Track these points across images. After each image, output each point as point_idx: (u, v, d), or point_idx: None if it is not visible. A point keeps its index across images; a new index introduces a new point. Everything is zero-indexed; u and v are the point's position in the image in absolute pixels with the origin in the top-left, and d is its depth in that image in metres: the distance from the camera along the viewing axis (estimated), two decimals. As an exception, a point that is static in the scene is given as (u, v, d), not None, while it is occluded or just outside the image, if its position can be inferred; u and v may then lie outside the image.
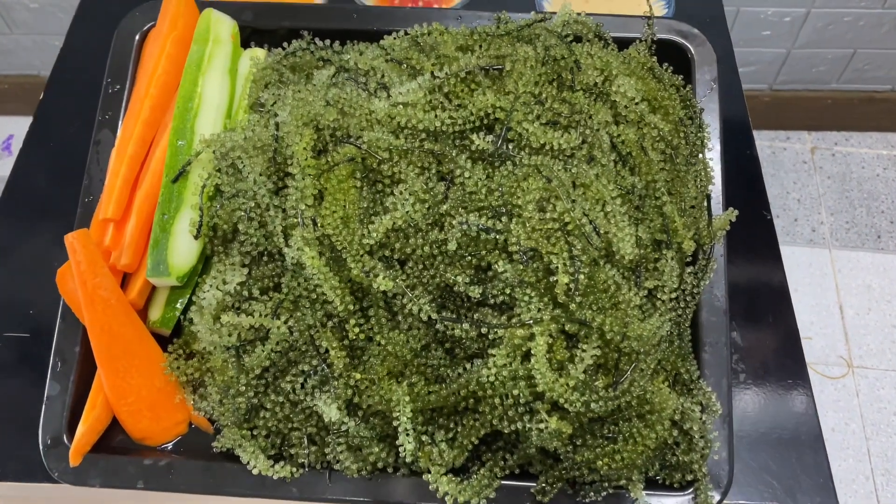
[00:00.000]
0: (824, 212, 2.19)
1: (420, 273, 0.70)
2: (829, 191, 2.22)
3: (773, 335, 0.88)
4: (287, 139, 0.73)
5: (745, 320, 0.87)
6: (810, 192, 2.22)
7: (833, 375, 1.94)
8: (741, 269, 0.88)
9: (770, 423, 0.83)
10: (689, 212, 0.77)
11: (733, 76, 1.01)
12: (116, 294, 0.74)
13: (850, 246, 2.11)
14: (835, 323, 2.00)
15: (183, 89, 0.80)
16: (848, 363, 1.95)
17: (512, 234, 0.67)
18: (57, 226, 0.88)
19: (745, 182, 0.96)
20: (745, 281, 0.89)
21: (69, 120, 1.00)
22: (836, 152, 2.30)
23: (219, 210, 0.74)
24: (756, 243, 0.91)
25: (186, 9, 0.86)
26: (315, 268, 0.68)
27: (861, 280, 2.05)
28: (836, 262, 2.10)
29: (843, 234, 2.14)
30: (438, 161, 0.73)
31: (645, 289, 0.74)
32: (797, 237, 2.14)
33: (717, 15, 1.11)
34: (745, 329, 0.87)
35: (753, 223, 0.93)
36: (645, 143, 0.76)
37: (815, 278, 2.06)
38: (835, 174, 2.24)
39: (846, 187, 2.22)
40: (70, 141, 0.99)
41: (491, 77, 0.76)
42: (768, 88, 2.19)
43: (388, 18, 0.86)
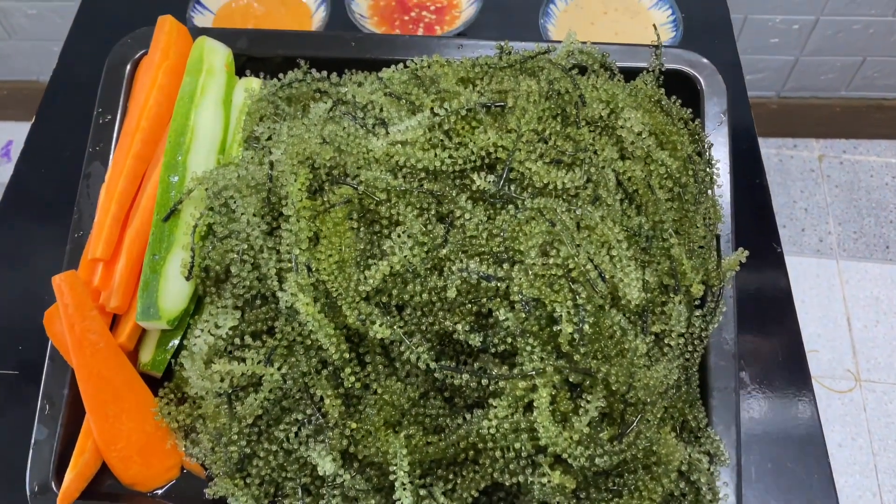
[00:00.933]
0: (832, 221, 2.16)
1: (418, 320, 0.67)
2: (836, 200, 2.19)
3: (776, 347, 0.86)
4: (282, 179, 0.70)
5: (748, 331, 0.85)
6: (818, 202, 2.19)
7: (840, 389, 1.91)
8: (745, 278, 0.86)
9: (774, 436, 0.81)
10: (698, 252, 0.74)
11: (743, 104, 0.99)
12: (105, 337, 0.72)
13: (857, 256, 2.08)
14: (842, 335, 1.97)
15: (175, 123, 0.78)
16: (855, 377, 1.92)
17: (514, 283, 0.64)
18: (56, 233, 0.86)
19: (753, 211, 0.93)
20: (749, 290, 0.87)
21: (69, 125, 0.99)
22: (844, 160, 2.26)
23: (211, 251, 0.71)
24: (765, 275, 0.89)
25: (179, 37, 0.83)
26: (309, 315, 0.66)
27: (869, 291, 2.02)
28: (843, 273, 2.07)
29: (850, 244, 2.11)
30: (438, 201, 0.70)
31: (652, 334, 0.71)
32: (804, 247, 2.11)
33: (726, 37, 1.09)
34: (747, 340, 0.84)
35: (764, 255, 0.90)
36: (652, 180, 0.74)
37: (822, 289, 2.04)
38: (843, 183, 2.21)
39: (854, 196, 2.19)
40: (70, 146, 0.97)
41: (493, 114, 0.73)
42: (776, 95, 2.16)
43: (388, 47, 0.84)
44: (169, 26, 0.83)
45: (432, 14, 1.03)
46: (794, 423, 0.82)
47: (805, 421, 0.82)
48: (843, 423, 1.87)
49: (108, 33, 1.11)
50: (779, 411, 0.82)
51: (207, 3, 1.03)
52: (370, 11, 1.04)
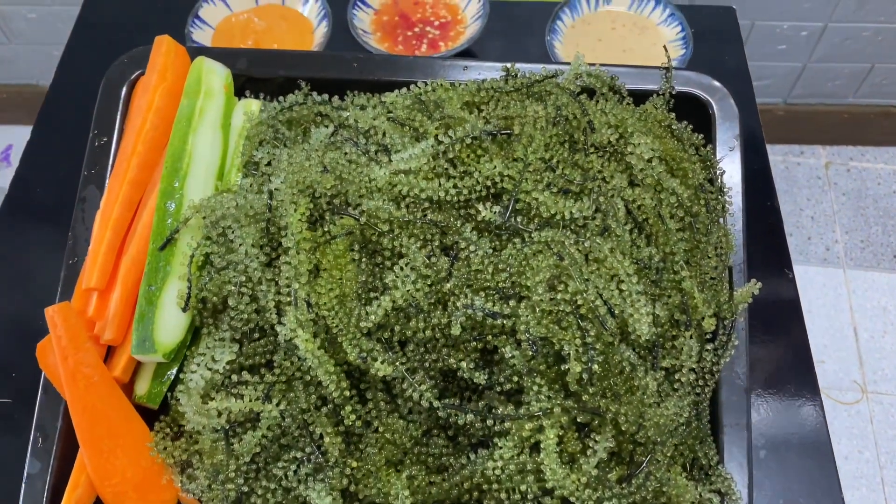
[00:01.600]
0: (839, 230, 2.13)
1: (421, 356, 0.65)
2: (843, 208, 2.17)
3: (784, 361, 0.84)
4: (281, 208, 0.68)
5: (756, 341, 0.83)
6: (824, 209, 2.17)
7: (846, 401, 1.89)
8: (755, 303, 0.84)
9: (781, 447, 0.80)
10: (709, 284, 0.72)
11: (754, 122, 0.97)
12: (100, 370, 0.70)
13: (865, 266, 2.06)
14: (849, 346, 1.95)
15: (172, 147, 0.76)
16: (862, 388, 1.90)
17: (521, 320, 0.62)
18: (54, 245, 0.85)
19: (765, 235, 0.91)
20: (760, 317, 0.86)
21: (70, 130, 0.98)
22: (851, 167, 2.24)
23: (208, 283, 0.69)
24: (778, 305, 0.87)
25: (177, 58, 0.81)
26: (309, 352, 0.64)
27: (876, 301, 2.00)
28: (850, 283, 2.05)
29: (857, 253, 2.09)
30: (442, 232, 0.68)
31: (662, 369, 0.69)
32: (810, 256, 2.08)
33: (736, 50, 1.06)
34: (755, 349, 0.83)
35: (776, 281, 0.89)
36: (662, 209, 0.72)
37: (828, 299, 2.01)
38: (850, 190, 2.19)
39: (861, 204, 2.17)
40: (71, 151, 0.95)
41: (499, 142, 0.71)
42: (782, 102, 2.14)
43: (391, 68, 0.81)
44: (166, 47, 0.80)
45: (436, 30, 1.01)
46: (802, 433, 0.81)
47: (813, 432, 0.80)
48: (850, 435, 1.85)
49: (110, 37, 1.10)
50: (787, 421, 0.81)
51: (207, 17, 1.01)
52: (373, 27, 1.01)
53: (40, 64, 2.10)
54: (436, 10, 1.02)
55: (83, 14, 1.14)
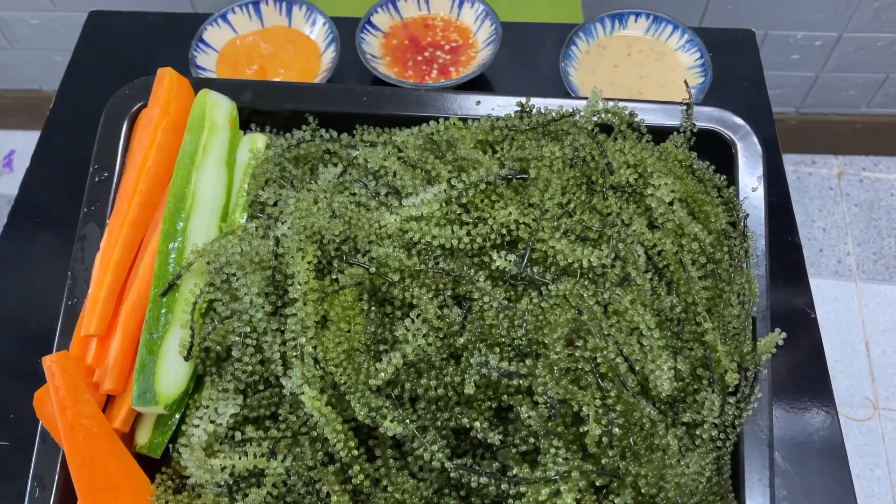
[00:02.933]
0: (851, 242, 2.10)
1: (433, 414, 0.63)
2: (856, 219, 2.13)
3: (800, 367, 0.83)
4: (288, 256, 0.66)
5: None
6: (836, 221, 2.13)
7: (858, 418, 1.86)
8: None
9: (798, 459, 0.79)
10: (732, 334, 0.69)
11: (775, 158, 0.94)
12: (99, 421, 0.67)
13: (877, 279, 2.03)
14: (860, 361, 1.92)
15: (174, 186, 0.73)
16: (874, 405, 1.87)
17: (538, 381, 0.60)
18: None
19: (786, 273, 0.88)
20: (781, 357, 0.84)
21: (77, 136, 0.97)
22: (863, 178, 2.21)
23: (211, 332, 0.67)
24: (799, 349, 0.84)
25: (180, 91, 0.78)
26: (315, 409, 0.61)
27: (889, 316, 1.97)
28: (862, 297, 2.02)
29: (870, 265, 2.05)
30: (455, 281, 0.66)
31: (682, 424, 0.66)
32: (822, 269, 2.05)
33: (756, 79, 1.03)
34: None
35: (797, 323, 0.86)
36: (684, 256, 0.69)
37: (840, 313, 1.98)
38: (862, 201, 2.16)
39: (874, 216, 2.13)
40: (77, 157, 0.93)
41: (514, 186, 0.68)
42: (794, 112, 2.11)
43: (401, 102, 0.79)
44: (169, 79, 0.78)
45: (447, 54, 0.98)
46: (818, 446, 0.80)
47: (829, 446, 0.80)
48: (861, 453, 1.82)
49: (117, 43, 1.08)
50: (801, 432, 0.80)
51: (211, 41, 0.98)
52: (382, 51, 0.98)
53: (43, 69, 2.09)
54: (446, 34, 0.99)
55: (91, 19, 1.12)
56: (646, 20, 0.99)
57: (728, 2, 1.71)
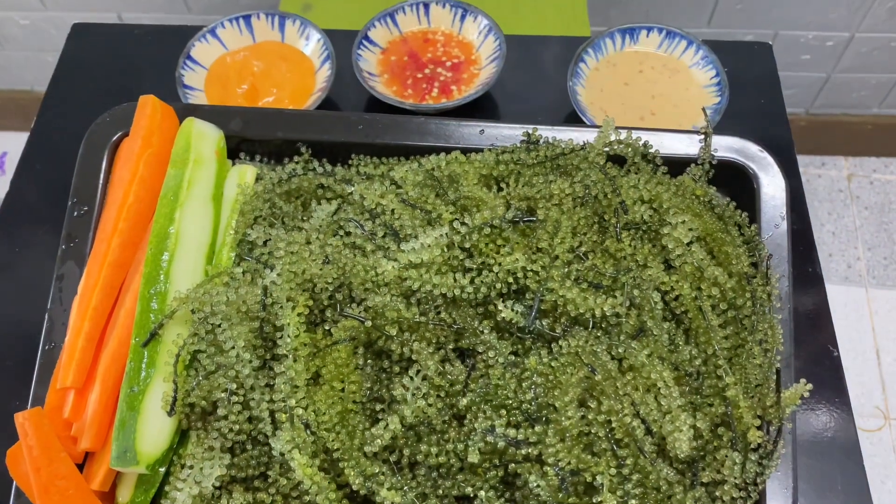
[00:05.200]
0: (861, 246, 2.05)
1: (434, 482, 0.58)
2: (866, 223, 2.08)
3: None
4: (277, 306, 0.61)
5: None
6: (846, 225, 2.09)
7: (868, 428, 1.82)
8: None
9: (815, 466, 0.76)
10: (754, 386, 0.64)
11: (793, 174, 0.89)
12: (76, 482, 0.63)
13: (888, 284, 1.98)
14: (871, 370, 1.88)
15: (157, 225, 0.68)
16: (885, 415, 1.83)
17: (548, 450, 0.55)
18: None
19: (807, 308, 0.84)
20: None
21: (67, 136, 0.93)
22: (874, 180, 2.16)
23: (195, 388, 0.62)
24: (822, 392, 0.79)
25: (164, 119, 0.73)
26: (307, 476, 0.57)
27: (900, 323, 1.93)
28: (872, 303, 1.97)
29: (880, 271, 2.01)
30: (457, 333, 0.61)
31: (701, 485, 0.62)
32: (831, 274, 2.01)
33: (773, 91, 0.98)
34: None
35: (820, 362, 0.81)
36: (703, 303, 0.64)
37: (850, 320, 1.94)
38: (873, 204, 2.11)
39: (885, 219, 2.08)
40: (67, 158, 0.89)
41: (520, 229, 0.63)
42: (804, 112, 2.06)
43: (400, 131, 0.73)
44: (151, 108, 0.73)
45: (448, 71, 0.93)
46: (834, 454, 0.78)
47: (846, 453, 0.77)
48: (872, 464, 1.78)
49: (106, 42, 1.03)
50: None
51: (199, 57, 0.93)
52: (380, 68, 0.93)
53: (33, 69, 2.05)
54: (448, 49, 0.94)
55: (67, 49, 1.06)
56: (658, 35, 0.93)
57: (738, 1, 1.66)
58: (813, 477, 0.76)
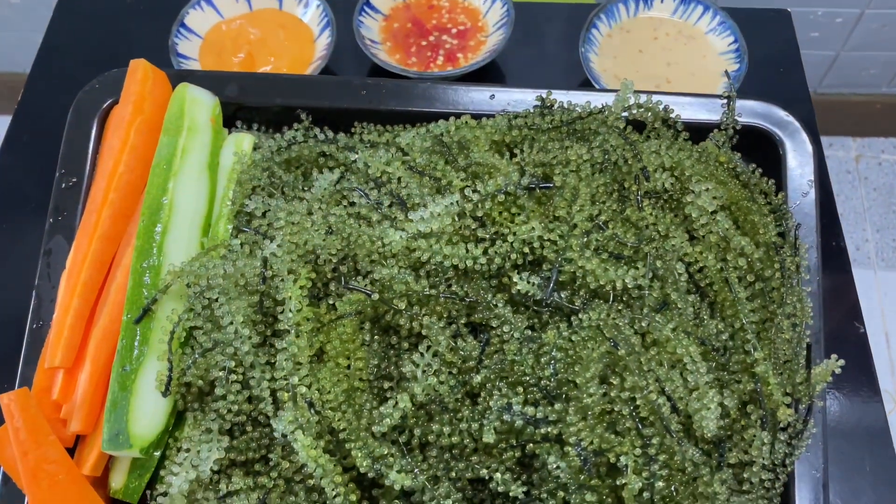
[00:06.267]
0: (869, 228, 2.02)
1: (446, 464, 0.55)
2: (874, 204, 2.05)
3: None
4: (277, 279, 0.57)
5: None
6: (854, 206, 2.05)
7: (877, 412, 1.79)
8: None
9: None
10: (784, 361, 0.61)
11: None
12: (66, 467, 0.59)
13: (897, 266, 1.95)
14: (880, 353, 1.85)
15: (150, 196, 0.64)
16: (894, 398, 1.80)
17: (569, 428, 0.51)
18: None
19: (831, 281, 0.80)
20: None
21: (52, 117, 0.87)
22: (882, 161, 2.12)
23: (191, 366, 0.58)
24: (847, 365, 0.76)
25: (155, 85, 0.69)
26: (311, 458, 0.53)
27: (910, 305, 1.89)
28: (881, 285, 1.94)
29: (889, 253, 1.97)
30: (470, 307, 0.57)
31: (728, 466, 0.58)
32: (839, 256, 1.97)
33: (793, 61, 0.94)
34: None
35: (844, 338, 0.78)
36: (729, 274, 0.60)
37: (858, 302, 1.90)
38: (881, 186, 2.07)
39: (893, 201, 2.05)
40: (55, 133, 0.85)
41: (536, 196, 0.60)
42: (812, 92, 2.02)
43: (405, 97, 0.70)
44: (142, 73, 0.69)
45: (454, 39, 0.89)
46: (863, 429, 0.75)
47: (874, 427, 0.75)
48: (881, 448, 1.75)
49: (92, 20, 0.99)
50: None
51: (194, 25, 0.88)
52: (382, 35, 0.89)
53: (25, 51, 2.01)
54: (453, 16, 0.90)
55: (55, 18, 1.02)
56: (673, 0, 0.89)
57: (747, -24, 1.62)
58: (840, 458, 0.72)
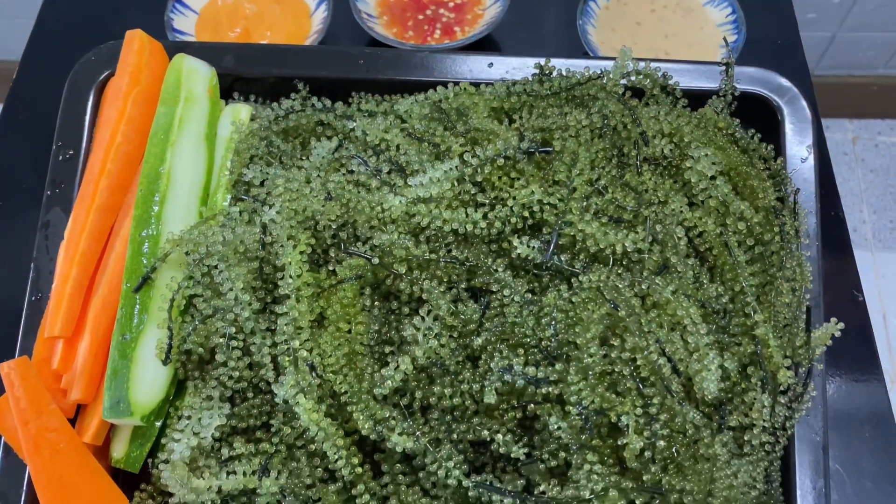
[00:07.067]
0: (866, 209, 2.02)
1: (447, 426, 0.55)
2: (871, 186, 2.05)
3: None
4: (277, 245, 0.57)
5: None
6: (851, 188, 2.05)
7: (875, 392, 1.79)
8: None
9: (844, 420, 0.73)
10: (784, 325, 0.61)
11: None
12: (67, 436, 0.59)
13: (894, 248, 1.95)
14: (877, 333, 1.84)
15: (147, 166, 0.64)
16: (893, 378, 1.81)
17: (570, 388, 0.51)
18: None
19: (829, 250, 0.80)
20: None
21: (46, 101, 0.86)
22: (879, 143, 2.12)
23: (192, 333, 0.58)
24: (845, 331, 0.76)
25: (152, 57, 0.69)
26: (313, 422, 0.53)
27: (907, 285, 1.90)
28: (878, 266, 1.94)
29: (886, 234, 1.98)
30: (470, 272, 0.57)
31: (729, 429, 0.59)
32: (837, 237, 1.97)
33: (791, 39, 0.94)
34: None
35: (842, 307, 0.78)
36: (729, 238, 0.60)
37: (855, 283, 1.91)
38: (878, 167, 2.07)
39: (890, 182, 2.05)
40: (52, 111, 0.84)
41: (535, 161, 0.59)
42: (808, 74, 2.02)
43: (403, 66, 0.69)
44: (139, 43, 0.68)
45: (451, 12, 0.89)
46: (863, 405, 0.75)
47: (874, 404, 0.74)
48: (880, 427, 1.76)
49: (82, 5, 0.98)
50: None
51: (189, 1, 0.88)
52: (379, 10, 0.89)
53: (17, 38, 1.99)
54: (450, -11, 0.90)
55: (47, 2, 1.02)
56: (670, -28, 0.89)
57: (738, -44, 1.62)
58: (839, 424, 0.73)
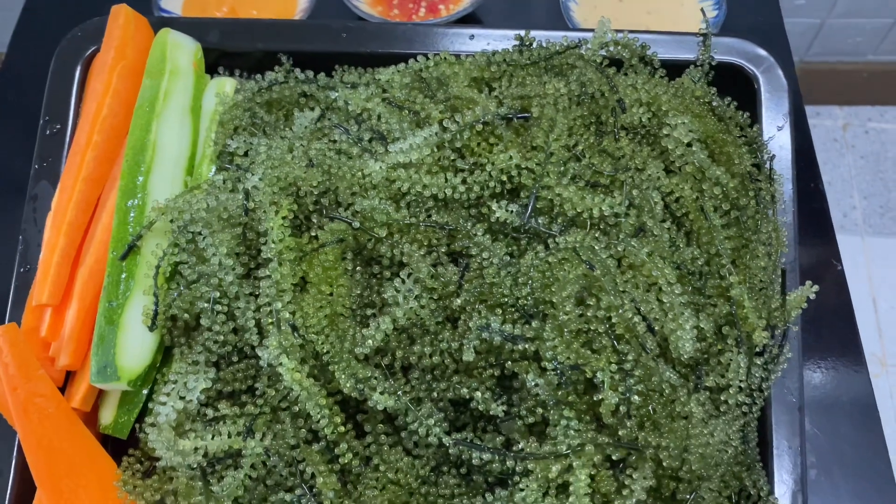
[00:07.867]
0: (856, 195, 2.03)
1: (428, 385, 0.56)
2: (861, 172, 2.06)
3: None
4: (260, 211, 0.58)
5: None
6: (841, 174, 2.06)
7: (865, 375, 1.81)
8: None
9: (827, 421, 0.74)
10: (759, 288, 0.62)
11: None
12: (56, 401, 0.60)
13: (884, 233, 1.96)
14: (867, 318, 1.86)
15: (133, 137, 0.65)
16: (881, 362, 1.82)
17: (546, 345, 0.53)
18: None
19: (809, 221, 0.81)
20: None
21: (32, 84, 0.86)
22: (869, 129, 2.13)
23: (177, 298, 0.59)
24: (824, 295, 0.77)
25: (137, 31, 0.70)
26: (296, 382, 0.54)
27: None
28: (868, 251, 1.96)
29: (876, 219, 1.99)
30: (450, 236, 0.58)
31: (706, 389, 0.60)
32: (827, 223, 1.98)
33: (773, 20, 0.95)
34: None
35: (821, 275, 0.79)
36: (705, 203, 0.62)
37: (845, 268, 1.92)
38: (868, 153, 2.08)
39: (880, 168, 2.06)
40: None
41: (514, 127, 0.61)
42: (798, 61, 2.03)
43: (386, 39, 0.70)
44: (124, 18, 0.69)
45: (435, -9, 0.90)
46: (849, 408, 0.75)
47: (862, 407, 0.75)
48: (869, 411, 1.77)
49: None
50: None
51: (176, -19, 0.89)
52: (364, -12, 0.90)
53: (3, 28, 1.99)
54: (435, -32, 0.91)
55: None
56: (652, -50, 0.90)
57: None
58: (817, 388, 0.74)
